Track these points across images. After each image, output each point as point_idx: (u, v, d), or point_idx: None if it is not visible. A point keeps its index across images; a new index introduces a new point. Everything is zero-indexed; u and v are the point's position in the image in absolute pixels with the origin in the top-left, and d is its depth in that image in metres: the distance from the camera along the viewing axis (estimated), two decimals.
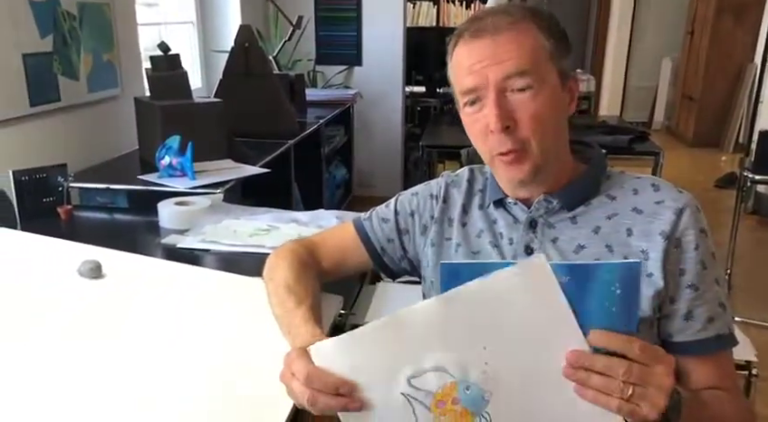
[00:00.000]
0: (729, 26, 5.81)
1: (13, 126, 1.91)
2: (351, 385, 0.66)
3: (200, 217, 1.62)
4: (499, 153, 0.84)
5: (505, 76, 0.81)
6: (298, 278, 0.94)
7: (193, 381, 0.91)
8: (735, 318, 2.79)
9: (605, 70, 6.67)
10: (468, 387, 0.64)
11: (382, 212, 1.05)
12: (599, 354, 0.62)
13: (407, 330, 0.65)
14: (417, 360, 0.65)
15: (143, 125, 2.27)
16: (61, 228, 1.66)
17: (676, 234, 0.82)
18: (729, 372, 0.85)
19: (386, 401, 0.66)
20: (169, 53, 2.20)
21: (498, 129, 0.81)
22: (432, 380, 0.65)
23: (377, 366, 0.66)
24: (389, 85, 4.18)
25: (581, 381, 0.63)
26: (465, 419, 0.65)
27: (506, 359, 0.64)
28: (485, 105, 0.82)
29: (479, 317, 0.64)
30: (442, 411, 0.65)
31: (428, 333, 0.64)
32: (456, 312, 0.64)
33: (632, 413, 0.62)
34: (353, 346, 0.66)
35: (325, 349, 0.67)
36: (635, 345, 0.62)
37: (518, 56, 0.81)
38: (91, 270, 1.21)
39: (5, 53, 1.86)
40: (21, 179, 1.69)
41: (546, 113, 0.82)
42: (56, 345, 1.00)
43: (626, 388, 0.61)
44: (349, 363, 0.66)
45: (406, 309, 0.66)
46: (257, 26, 3.46)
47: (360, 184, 4.29)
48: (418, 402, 0.65)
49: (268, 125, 2.71)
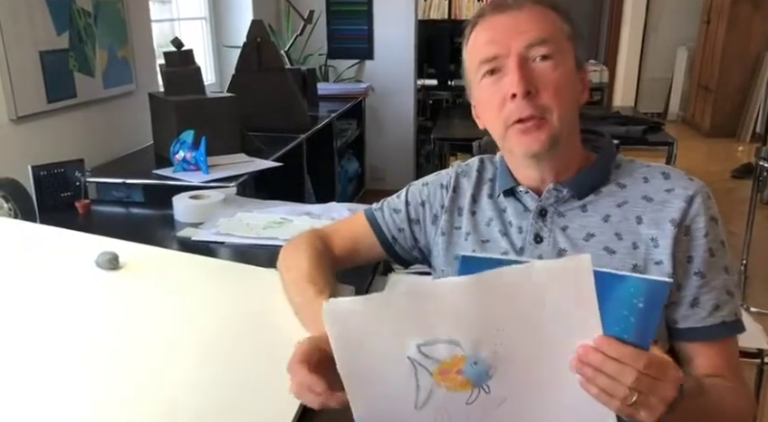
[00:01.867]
0: (746, 14, 5.72)
1: (31, 122, 1.94)
2: (338, 398, 0.68)
3: (214, 211, 1.64)
4: (517, 120, 0.82)
5: (528, 44, 0.81)
6: (316, 267, 0.95)
7: (207, 370, 0.93)
8: (751, 308, 2.76)
9: (619, 60, 6.59)
10: (477, 362, 0.65)
11: (393, 202, 1.05)
12: (611, 359, 0.62)
13: (428, 302, 0.64)
14: (432, 332, 0.64)
15: (157, 120, 2.30)
16: (78, 222, 1.69)
17: (686, 221, 0.82)
18: (732, 360, 0.84)
19: (390, 364, 0.66)
20: (183, 49, 2.23)
21: (521, 94, 0.80)
22: (442, 351, 0.64)
23: (389, 331, 0.65)
24: (401, 78, 4.17)
25: (587, 377, 0.63)
26: (464, 388, 0.66)
27: (520, 345, 0.64)
28: (506, 74, 0.82)
29: (506, 303, 0.63)
30: (444, 378, 0.65)
31: (450, 310, 0.63)
32: (484, 295, 0.63)
33: (630, 415, 0.63)
34: (369, 309, 0.65)
35: (340, 308, 0.66)
36: (641, 361, 0.61)
37: (540, 28, 0.82)
38: (109, 261, 1.23)
39: (23, 51, 1.89)
40: (39, 174, 1.73)
41: (566, 85, 0.83)
42: (74, 334, 1.02)
43: (631, 394, 0.61)
44: (361, 325, 0.65)
45: (432, 282, 0.66)
46: (269, 21, 3.47)
47: (372, 177, 4.30)
48: (423, 368, 0.65)
49: (280, 119, 2.73)
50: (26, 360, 0.94)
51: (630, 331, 0.62)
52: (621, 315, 0.62)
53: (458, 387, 0.66)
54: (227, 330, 1.05)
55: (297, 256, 0.99)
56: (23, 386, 0.88)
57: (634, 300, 0.61)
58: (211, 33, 3.51)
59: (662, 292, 0.62)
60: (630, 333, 0.62)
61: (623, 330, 0.62)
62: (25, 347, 0.98)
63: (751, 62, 5.77)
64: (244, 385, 0.90)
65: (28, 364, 0.93)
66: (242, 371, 0.93)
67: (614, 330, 0.62)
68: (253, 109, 2.60)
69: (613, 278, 0.62)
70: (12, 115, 1.86)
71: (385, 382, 0.67)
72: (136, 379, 0.90)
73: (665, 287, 0.62)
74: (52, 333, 1.02)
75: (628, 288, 0.62)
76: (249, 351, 0.98)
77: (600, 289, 0.62)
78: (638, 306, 0.61)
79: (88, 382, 0.89)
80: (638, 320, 0.62)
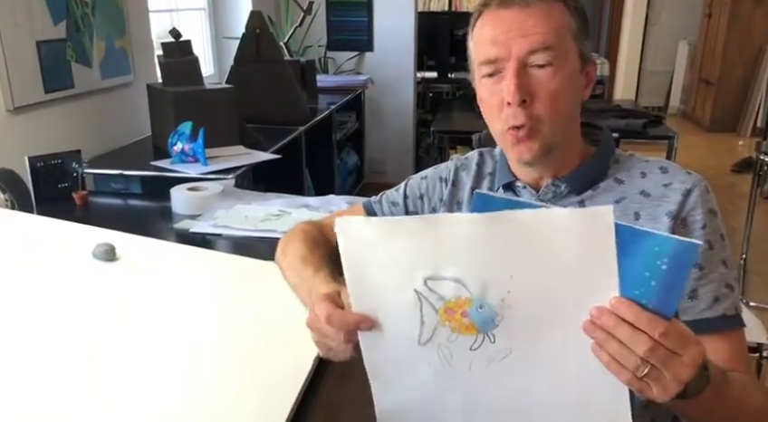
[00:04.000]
0: (748, 8, 5.69)
1: (28, 112, 1.93)
2: (370, 321, 0.66)
3: (212, 203, 1.64)
4: (511, 127, 0.82)
5: (530, 50, 0.80)
6: (312, 251, 0.95)
7: (205, 361, 0.93)
8: (750, 303, 2.76)
9: (620, 53, 6.57)
10: (482, 306, 0.62)
11: (392, 195, 1.05)
12: (625, 323, 0.57)
13: (442, 233, 0.61)
14: (441, 266, 0.62)
15: (156, 111, 2.29)
16: (76, 213, 1.68)
17: (682, 213, 0.81)
18: (742, 354, 0.82)
19: (397, 295, 0.64)
20: (181, 40, 2.21)
21: (516, 102, 0.80)
22: (448, 289, 0.62)
23: (399, 257, 0.63)
24: (401, 71, 4.15)
25: (599, 341, 0.58)
26: (469, 331, 0.63)
27: (529, 295, 0.60)
28: (504, 77, 0.81)
29: (520, 246, 0.59)
30: (448, 317, 0.64)
31: (462, 245, 0.61)
32: (498, 234, 0.59)
33: (641, 390, 0.59)
34: (382, 228, 0.64)
35: (354, 222, 0.65)
36: (658, 328, 0.56)
37: (544, 32, 0.80)
38: (106, 252, 1.23)
39: (20, 41, 1.88)
40: (36, 165, 1.72)
41: (563, 93, 0.82)
42: (70, 325, 1.02)
43: (642, 366, 0.56)
44: (372, 242, 0.64)
45: (451, 214, 0.65)
46: (268, 12, 3.45)
47: (371, 170, 4.29)
48: (428, 303, 0.63)
49: (279, 111, 2.72)
50: (22, 351, 0.94)
51: (651, 297, 0.56)
52: (642, 277, 0.56)
53: (463, 329, 0.63)
54: (224, 321, 1.05)
55: (294, 244, 0.99)
56: (18, 377, 0.88)
57: (657, 261, 0.55)
58: (210, 24, 3.49)
59: (690, 255, 0.55)
60: (651, 299, 0.56)
61: (642, 294, 0.57)
62: (21, 338, 0.98)
63: (752, 56, 5.76)
64: (241, 376, 0.89)
65: (24, 355, 0.93)
66: (238, 363, 0.93)
67: (633, 293, 0.57)
68: (251, 100, 2.58)
69: (636, 234, 0.56)
70: (9, 105, 1.85)
71: (390, 310, 0.66)
72: (132, 370, 0.89)
73: (694, 249, 0.55)
74: (49, 324, 1.02)
75: (652, 247, 0.56)
76: (246, 343, 0.98)
77: (620, 245, 0.56)
78: (662, 268, 0.55)
79: (83, 373, 0.89)
80: (661, 284, 0.56)
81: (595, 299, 0.58)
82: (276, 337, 0.99)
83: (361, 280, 0.66)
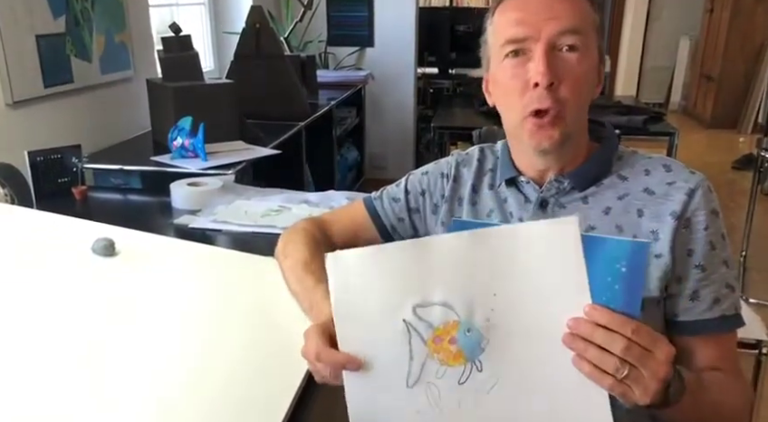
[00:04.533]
0: (750, 4, 5.68)
1: (27, 107, 1.93)
2: (358, 363, 0.66)
3: (212, 198, 1.63)
4: (534, 112, 0.80)
5: (561, 31, 0.79)
6: (314, 256, 0.95)
7: (204, 357, 0.93)
8: (750, 299, 2.76)
9: (621, 49, 6.57)
10: (470, 329, 0.64)
11: (393, 191, 1.05)
12: (600, 327, 0.61)
13: (428, 256, 0.64)
14: (429, 291, 0.64)
15: (155, 106, 2.28)
16: (75, 208, 1.68)
17: (686, 214, 0.81)
18: (731, 354, 0.84)
19: (386, 329, 0.65)
20: (181, 34, 2.20)
21: (544, 84, 0.78)
22: (437, 314, 0.64)
23: (390, 286, 0.65)
24: (402, 66, 4.14)
25: (579, 351, 0.62)
26: (457, 361, 0.65)
27: (512, 312, 0.63)
28: (531, 59, 0.80)
29: (499, 262, 0.62)
30: (437, 348, 0.65)
31: (447, 265, 0.63)
32: (479, 251, 0.62)
33: (623, 395, 0.61)
34: (372, 261, 0.65)
35: (344, 259, 0.66)
36: (630, 326, 0.60)
37: (573, 16, 0.80)
38: (105, 248, 1.22)
39: (19, 35, 1.87)
40: (36, 160, 1.71)
41: (586, 81, 0.82)
42: (69, 320, 1.02)
43: (622, 367, 0.60)
44: (364, 278, 0.65)
45: (435, 236, 0.66)
46: (268, 7, 3.44)
47: (371, 166, 4.28)
48: (417, 333, 0.65)
49: (280, 106, 2.71)
50: (21, 346, 0.94)
51: (617, 300, 0.61)
52: (606, 283, 0.61)
53: (451, 360, 0.65)
54: (223, 317, 1.04)
55: (295, 244, 0.99)
56: (17, 372, 0.87)
57: (617, 264, 0.60)
58: (210, 19, 3.47)
59: (643, 254, 0.61)
60: (617, 302, 0.61)
61: (609, 299, 0.61)
62: (21, 333, 0.98)
63: (753, 53, 5.74)
64: (241, 372, 0.89)
65: (23, 350, 0.93)
66: (238, 359, 0.93)
67: (601, 299, 0.61)
68: (252, 96, 2.58)
69: (594, 242, 0.61)
70: (8, 100, 1.84)
71: (379, 348, 0.66)
72: (131, 366, 0.89)
73: (645, 248, 0.61)
74: (48, 320, 1.01)
75: (610, 252, 0.61)
76: (246, 339, 0.98)
77: (585, 254, 0.61)
78: (622, 271, 0.60)
79: (82, 368, 0.89)
80: (623, 286, 0.61)
81: (569, 309, 0.62)
82: (276, 333, 0.99)
83: (350, 317, 0.66)
